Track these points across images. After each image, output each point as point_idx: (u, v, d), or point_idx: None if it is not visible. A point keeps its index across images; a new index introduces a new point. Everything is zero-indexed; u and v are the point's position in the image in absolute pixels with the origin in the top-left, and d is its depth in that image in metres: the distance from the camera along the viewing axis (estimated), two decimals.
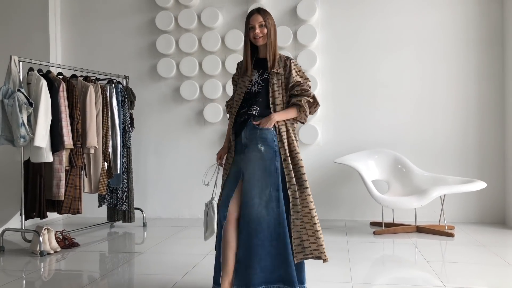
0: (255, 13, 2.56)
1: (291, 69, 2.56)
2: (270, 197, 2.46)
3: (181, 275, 3.10)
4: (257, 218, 2.45)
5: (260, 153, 2.49)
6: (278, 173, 2.47)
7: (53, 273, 3.34)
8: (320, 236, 2.47)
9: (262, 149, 2.49)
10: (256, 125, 2.51)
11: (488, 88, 4.72)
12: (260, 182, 2.46)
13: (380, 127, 4.88)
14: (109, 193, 4.64)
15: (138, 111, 5.08)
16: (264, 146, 2.49)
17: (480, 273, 3.13)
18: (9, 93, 3.68)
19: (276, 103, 2.54)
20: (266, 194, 2.46)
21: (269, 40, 2.56)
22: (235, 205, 2.53)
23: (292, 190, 2.47)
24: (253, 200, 2.46)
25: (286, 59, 2.59)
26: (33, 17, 5.32)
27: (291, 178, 2.47)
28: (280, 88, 2.56)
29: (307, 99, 2.53)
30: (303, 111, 2.53)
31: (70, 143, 3.92)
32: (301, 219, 2.47)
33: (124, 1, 5.39)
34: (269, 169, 2.47)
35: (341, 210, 4.96)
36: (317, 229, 2.46)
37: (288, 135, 2.53)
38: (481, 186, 4.13)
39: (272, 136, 2.50)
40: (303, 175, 2.50)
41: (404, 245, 3.88)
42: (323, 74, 5.00)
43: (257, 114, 2.53)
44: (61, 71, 4.28)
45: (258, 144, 2.50)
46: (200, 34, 5.16)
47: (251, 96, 2.58)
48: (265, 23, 2.54)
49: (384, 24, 4.89)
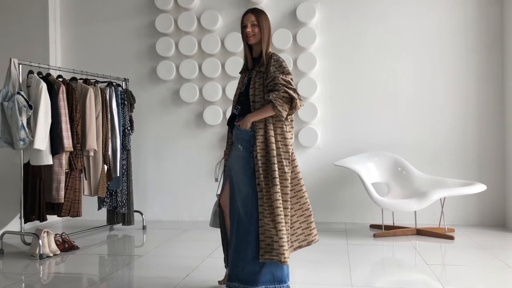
0: (249, 12, 2.63)
1: (269, 65, 2.54)
2: (247, 194, 2.53)
3: (181, 278, 3.09)
4: (237, 213, 2.58)
5: (240, 152, 2.57)
6: (251, 173, 2.52)
7: (53, 276, 3.33)
8: (282, 236, 2.43)
9: (241, 148, 2.56)
10: (237, 125, 2.58)
11: (488, 90, 4.72)
12: (240, 180, 2.56)
13: (380, 129, 4.88)
14: (108, 196, 4.63)
15: (137, 113, 5.08)
16: (242, 146, 2.56)
17: (481, 276, 3.13)
18: (8, 96, 3.68)
19: (256, 100, 2.55)
20: (243, 192, 2.55)
21: (263, 39, 2.58)
22: (225, 199, 2.65)
23: (260, 189, 2.49)
24: (235, 196, 2.60)
25: (270, 56, 2.58)
26: (33, 20, 5.33)
27: (260, 177, 2.48)
28: (261, 86, 2.56)
29: (277, 94, 2.46)
30: (276, 107, 2.45)
31: (69, 145, 3.92)
32: (268, 218, 2.47)
33: (124, 3, 5.40)
34: (244, 168, 2.54)
35: (341, 213, 4.96)
36: (280, 228, 2.43)
37: (268, 134, 2.50)
38: (481, 188, 4.13)
39: (249, 136, 2.54)
40: (273, 172, 2.45)
41: (404, 248, 3.88)
42: (322, 76, 5.00)
43: (238, 114, 2.62)
44: (60, 74, 4.28)
45: (238, 143, 2.58)
46: (200, 36, 5.17)
47: (239, 96, 2.67)
48: (258, 23, 2.58)
49: (383, 27, 4.90)
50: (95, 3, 5.47)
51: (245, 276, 2.53)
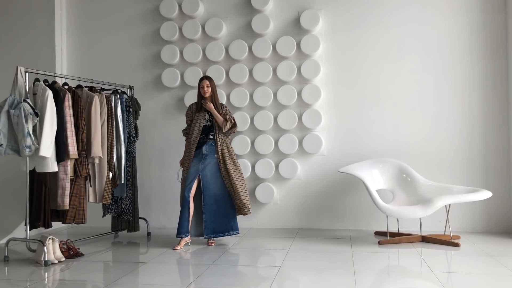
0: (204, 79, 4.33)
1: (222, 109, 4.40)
2: (221, 182, 4.28)
3: (185, 285, 3.09)
4: (214, 194, 4.26)
5: (214, 159, 4.30)
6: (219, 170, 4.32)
7: (57, 283, 3.34)
8: (242, 197, 4.24)
9: (215, 156, 4.29)
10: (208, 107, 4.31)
11: (493, 96, 4.71)
12: (214, 174, 4.27)
13: (384, 136, 4.88)
14: (113, 203, 4.64)
15: (142, 120, 5.10)
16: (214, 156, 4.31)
17: (486, 283, 3.10)
18: (15, 104, 3.71)
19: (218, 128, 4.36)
20: (216, 181, 4.27)
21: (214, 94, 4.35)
22: (194, 189, 4.22)
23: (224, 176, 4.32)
24: (211, 184, 4.26)
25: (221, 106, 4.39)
26: (39, 28, 5.38)
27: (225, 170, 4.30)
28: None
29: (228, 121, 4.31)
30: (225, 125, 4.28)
31: (75, 153, 3.94)
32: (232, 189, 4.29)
33: (129, 12, 5.45)
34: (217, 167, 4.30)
35: (346, 220, 4.94)
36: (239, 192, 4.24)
37: (222, 149, 4.29)
38: (486, 195, 4.10)
39: (214, 151, 4.30)
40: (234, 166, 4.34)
41: (409, 255, 3.85)
42: (326, 83, 5.01)
43: (212, 137, 4.31)
44: (66, 82, 4.32)
45: (214, 154, 4.30)
46: (204, 44, 5.20)
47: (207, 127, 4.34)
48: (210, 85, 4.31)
49: (387, 34, 4.91)
50: (101, 12, 5.52)
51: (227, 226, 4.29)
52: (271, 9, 5.12)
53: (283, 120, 4.99)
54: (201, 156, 4.28)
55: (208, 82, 4.29)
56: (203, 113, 4.33)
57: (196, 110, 4.35)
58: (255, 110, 5.09)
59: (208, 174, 4.25)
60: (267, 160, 5.02)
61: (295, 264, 3.60)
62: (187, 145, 4.36)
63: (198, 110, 4.34)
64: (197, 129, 4.28)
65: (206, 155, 4.27)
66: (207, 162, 4.26)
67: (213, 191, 4.25)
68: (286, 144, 4.98)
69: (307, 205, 5.03)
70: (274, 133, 5.07)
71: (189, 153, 4.32)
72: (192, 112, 4.37)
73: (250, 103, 5.10)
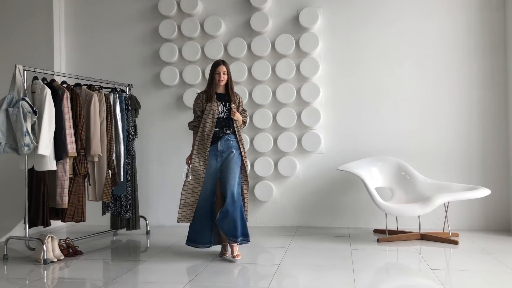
0: (221, 64, 3.77)
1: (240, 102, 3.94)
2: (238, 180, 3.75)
3: (184, 283, 3.09)
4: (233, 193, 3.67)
5: (237, 151, 3.78)
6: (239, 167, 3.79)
7: (57, 281, 3.34)
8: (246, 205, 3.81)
9: (233, 151, 3.75)
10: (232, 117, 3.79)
11: (491, 94, 4.72)
12: (234, 172, 3.70)
13: (383, 134, 4.88)
14: (113, 201, 4.64)
15: (141, 119, 5.09)
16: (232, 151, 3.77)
17: (485, 281, 3.11)
18: (13, 102, 3.71)
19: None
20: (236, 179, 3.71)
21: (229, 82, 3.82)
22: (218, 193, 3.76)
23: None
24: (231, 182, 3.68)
25: (236, 95, 3.90)
26: (37, 27, 5.37)
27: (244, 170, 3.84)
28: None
29: (243, 124, 3.96)
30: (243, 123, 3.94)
31: (73, 151, 3.94)
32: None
33: (127, 10, 5.44)
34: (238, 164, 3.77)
35: (345, 218, 4.95)
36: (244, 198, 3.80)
37: (242, 145, 3.81)
38: (485, 193, 4.11)
39: (231, 146, 3.76)
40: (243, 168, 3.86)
41: (408, 252, 3.86)
42: (325, 81, 5.01)
43: (230, 133, 3.78)
44: (65, 80, 4.30)
45: (232, 149, 3.75)
46: (203, 42, 5.20)
47: (221, 120, 3.76)
48: (227, 71, 3.78)
49: (386, 32, 4.91)
50: (100, 10, 5.51)
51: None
52: (270, 7, 5.11)
53: (282, 118, 4.99)
54: (216, 153, 3.74)
55: (225, 68, 3.75)
56: (216, 102, 3.72)
57: (206, 99, 3.75)
58: (254, 108, 5.09)
59: (230, 166, 3.70)
60: (266, 158, 5.03)
61: (294, 262, 3.61)
62: (199, 140, 3.74)
63: (209, 99, 3.73)
64: (210, 121, 3.70)
65: (223, 152, 3.73)
66: (225, 156, 3.72)
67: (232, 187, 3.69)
68: (285, 142, 4.98)
69: (306, 203, 5.04)
70: (273, 131, 5.07)
71: (203, 150, 3.72)
72: (202, 102, 3.77)
73: (249, 101, 5.10)
